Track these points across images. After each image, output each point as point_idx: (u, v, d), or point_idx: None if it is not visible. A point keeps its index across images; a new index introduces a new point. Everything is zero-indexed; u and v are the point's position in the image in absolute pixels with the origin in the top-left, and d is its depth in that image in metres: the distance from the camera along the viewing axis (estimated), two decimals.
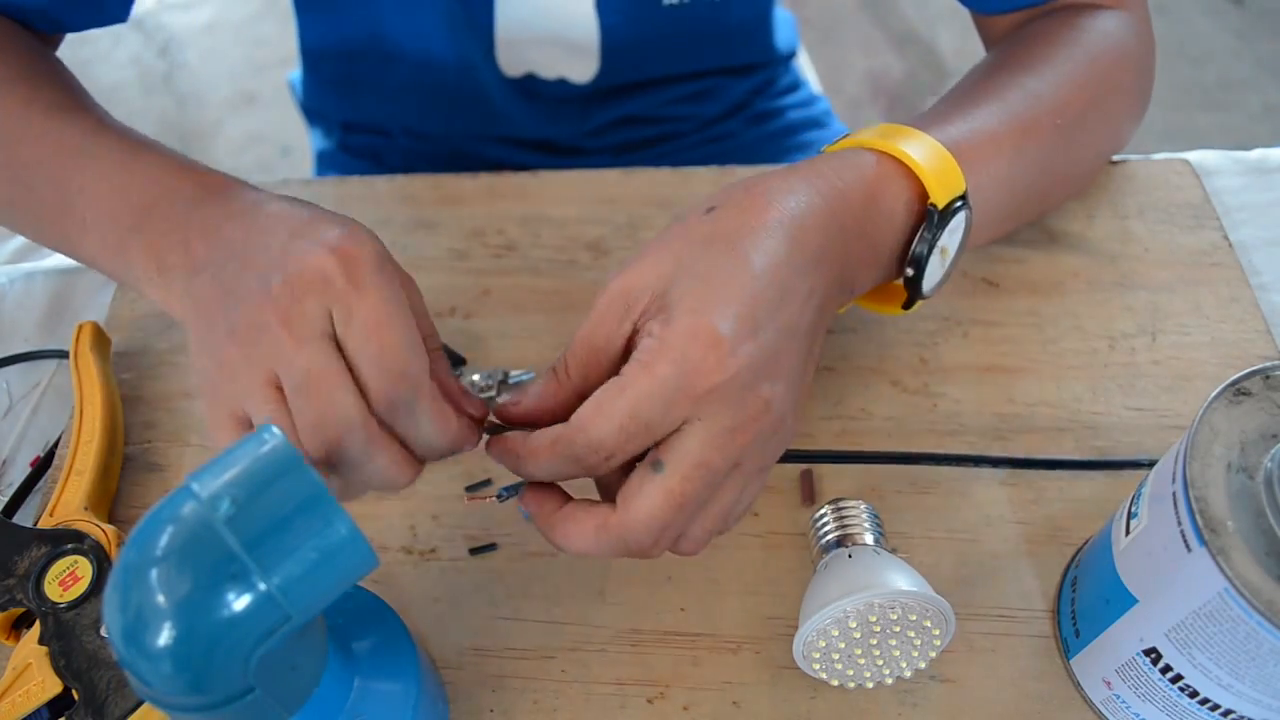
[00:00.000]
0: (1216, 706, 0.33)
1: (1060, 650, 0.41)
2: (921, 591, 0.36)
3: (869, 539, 0.40)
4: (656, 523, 0.33)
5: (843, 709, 0.40)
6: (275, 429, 0.27)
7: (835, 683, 0.39)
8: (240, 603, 0.25)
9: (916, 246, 0.40)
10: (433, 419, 0.34)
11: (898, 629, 0.37)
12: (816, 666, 0.39)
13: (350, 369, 0.33)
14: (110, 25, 0.53)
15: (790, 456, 0.42)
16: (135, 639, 0.25)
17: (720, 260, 0.34)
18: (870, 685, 0.39)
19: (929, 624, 0.37)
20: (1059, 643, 0.41)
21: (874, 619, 0.36)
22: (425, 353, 0.34)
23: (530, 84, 0.68)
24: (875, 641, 0.37)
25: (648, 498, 0.32)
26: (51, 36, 0.52)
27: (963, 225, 0.42)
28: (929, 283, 0.41)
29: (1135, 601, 0.35)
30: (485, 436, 0.37)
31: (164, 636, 0.25)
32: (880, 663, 0.38)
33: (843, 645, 0.37)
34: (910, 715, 0.40)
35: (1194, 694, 0.34)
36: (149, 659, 0.25)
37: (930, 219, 0.40)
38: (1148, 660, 0.35)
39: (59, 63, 0.50)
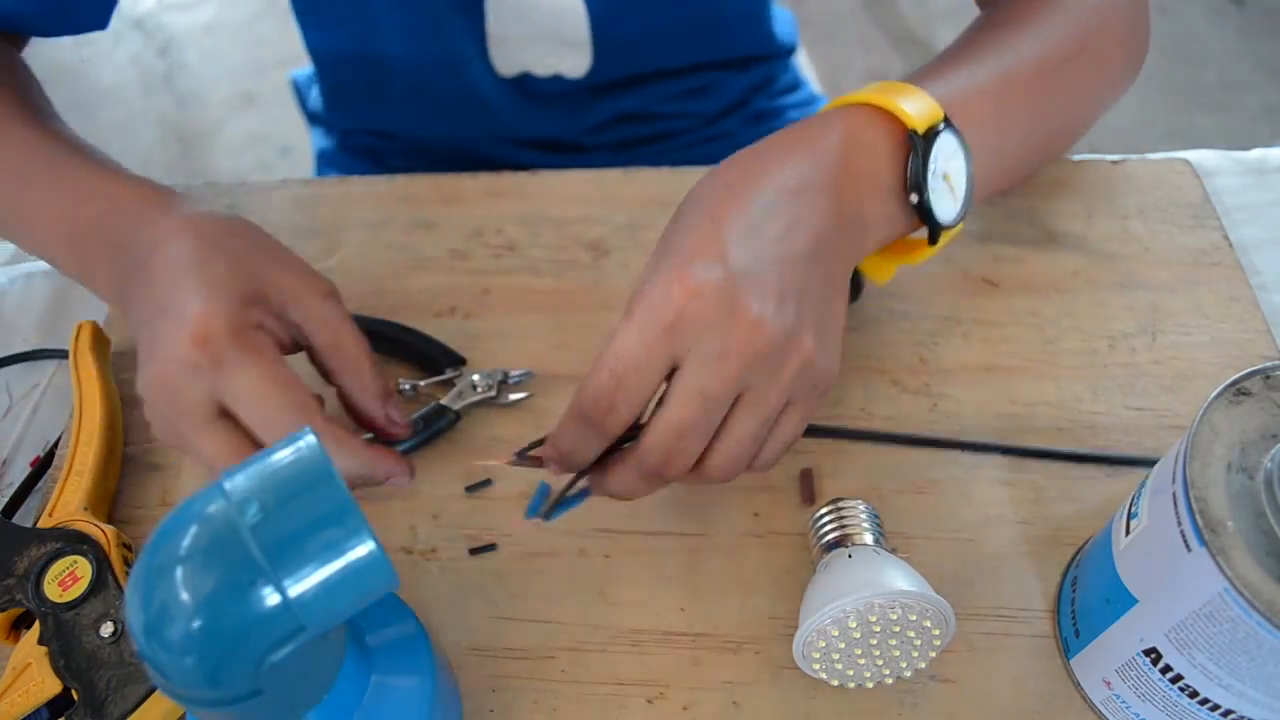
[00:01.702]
0: (1216, 707, 0.33)
1: (1060, 650, 0.41)
2: (921, 591, 0.36)
3: (869, 539, 0.40)
4: (661, 447, 0.35)
5: (843, 709, 0.40)
6: (313, 436, 0.27)
7: (835, 683, 0.39)
8: (255, 610, 0.25)
9: (910, 172, 0.40)
10: (339, 460, 0.38)
11: (898, 629, 0.37)
12: (816, 666, 0.39)
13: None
14: (89, 32, 0.53)
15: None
16: (153, 631, 0.25)
17: (687, 219, 0.37)
18: (870, 685, 0.39)
19: (929, 624, 0.37)
20: (1059, 643, 0.41)
21: (874, 619, 0.36)
22: (312, 404, 0.37)
23: (526, 83, 0.68)
24: (875, 641, 0.37)
25: (652, 430, 0.36)
26: (14, 36, 0.53)
27: (958, 148, 0.42)
28: (943, 211, 0.41)
29: (1135, 601, 0.35)
30: (514, 457, 0.40)
31: (177, 632, 0.25)
32: (880, 663, 0.38)
33: (843, 645, 0.37)
34: (910, 715, 0.40)
35: (1194, 694, 0.34)
36: (166, 650, 0.25)
37: (914, 144, 0.40)
38: (1148, 660, 0.35)
39: (19, 64, 0.51)
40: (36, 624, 0.40)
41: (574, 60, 0.66)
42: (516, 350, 0.52)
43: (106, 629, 0.39)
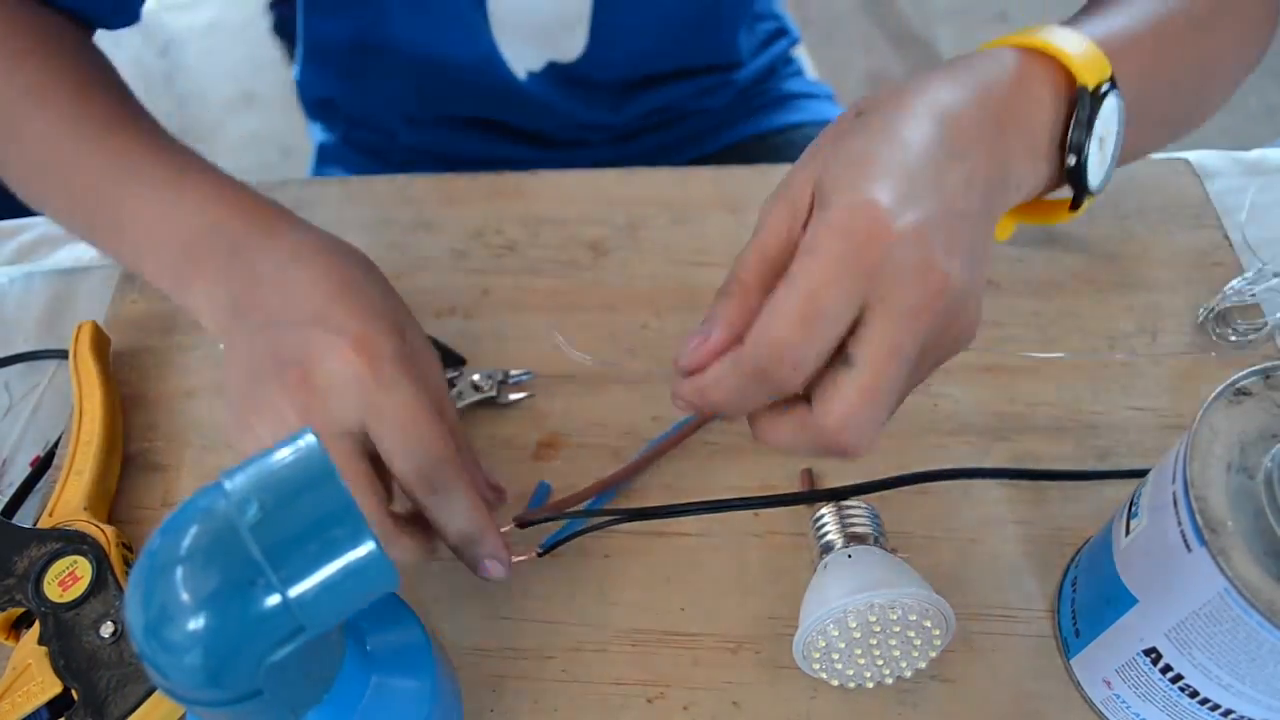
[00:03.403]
0: (1216, 706, 0.33)
1: (1060, 650, 0.41)
2: (921, 591, 0.36)
3: (869, 539, 0.40)
4: (855, 420, 0.31)
5: (843, 709, 0.40)
6: (312, 436, 0.27)
7: (835, 683, 0.39)
8: (255, 610, 0.25)
9: (1073, 132, 0.38)
10: (467, 501, 0.37)
11: (898, 629, 0.37)
12: (816, 666, 0.39)
13: (380, 460, 0.37)
14: (125, 27, 0.53)
15: (815, 496, 0.43)
16: (153, 631, 0.25)
17: (870, 143, 0.33)
18: (870, 685, 0.39)
19: (929, 624, 0.37)
20: (1059, 643, 0.41)
21: (874, 619, 0.36)
22: (451, 445, 0.37)
23: (534, 76, 0.68)
24: (875, 641, 0.37)
25: (843, 397, 0.31)
26: (85, 27, 0.52)
27: (1116, 111, 0.39)
28: (1094, 176, 0.39)
29: (1135, 601, 0.35)
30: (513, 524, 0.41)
31: (177, 632, 0.25)
32: (880, 663, 0.38)
33: (843, 645, 0.37)
34: (910, 715, 0.40)
35: (1194, 694, 0.34)
36: (166, 650, 0.25)
37: (1082, 101, 0.37)
38: (1148, 660, 0.35)
39: (104, 61, 0.50)
40: (36, 624, 0.40)
41: (569, 43, 0.65)
42: (516, 350, 0.51)
43: (106, 629, 0.39)
